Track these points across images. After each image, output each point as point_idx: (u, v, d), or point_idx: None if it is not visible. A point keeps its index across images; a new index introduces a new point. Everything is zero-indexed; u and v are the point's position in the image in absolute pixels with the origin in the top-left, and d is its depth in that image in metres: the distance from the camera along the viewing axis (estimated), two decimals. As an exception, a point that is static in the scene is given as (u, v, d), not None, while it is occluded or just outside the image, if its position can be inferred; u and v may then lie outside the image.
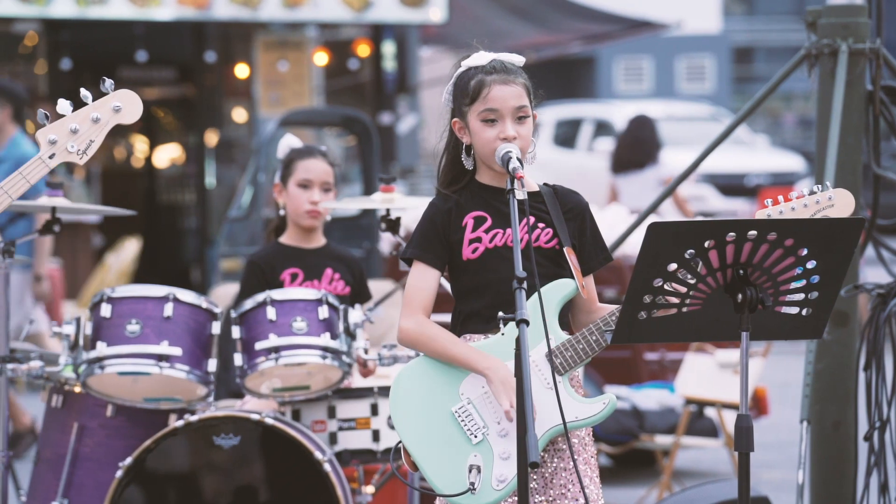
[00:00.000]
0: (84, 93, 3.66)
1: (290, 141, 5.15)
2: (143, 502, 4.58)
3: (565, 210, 3.71)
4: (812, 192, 3.70)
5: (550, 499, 3.61)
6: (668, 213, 11.22)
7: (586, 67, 28.48)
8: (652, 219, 5.14)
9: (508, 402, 3.50)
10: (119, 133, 17.56)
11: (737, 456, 3.47)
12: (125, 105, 3.68)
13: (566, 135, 20.04)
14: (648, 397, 7.49)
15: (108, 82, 3.66)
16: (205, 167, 15.67)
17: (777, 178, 18.61)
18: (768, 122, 30.11)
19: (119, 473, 4.55)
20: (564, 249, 3.65)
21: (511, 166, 3.55)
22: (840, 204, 3.68)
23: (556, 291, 3.61)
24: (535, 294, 3.51)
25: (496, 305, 3.58)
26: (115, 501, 4.54)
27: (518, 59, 3.72)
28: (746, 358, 3.46)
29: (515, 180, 3.52)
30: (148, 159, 17.71)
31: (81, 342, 4.66)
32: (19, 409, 8.31)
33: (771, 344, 7.09)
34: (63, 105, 3.64)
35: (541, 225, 3.67)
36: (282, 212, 5.09)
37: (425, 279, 3.65)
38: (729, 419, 7.04)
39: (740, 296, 3.41)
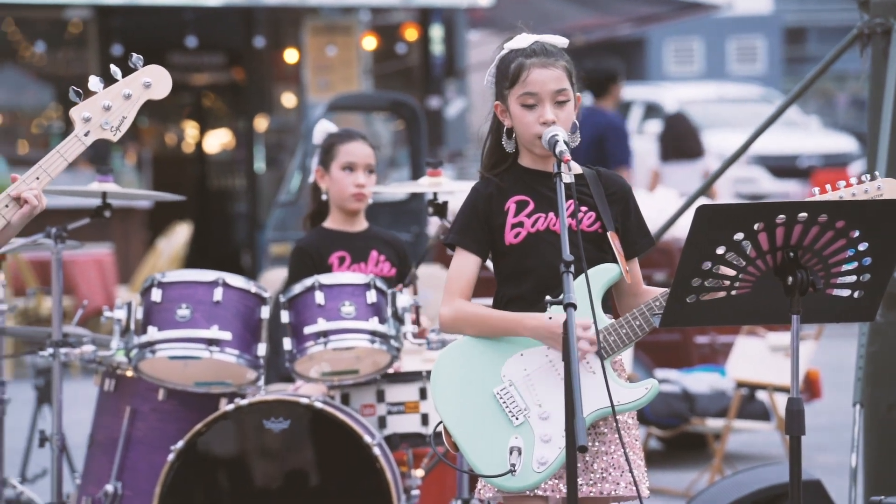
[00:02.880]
0: (114, 69, 3.66)
1: (325, 126, 5.15)
2: (195, 485, 4.61)
3: (608, 193, 3.68)
4: (860, 182, 3.66)
5: (591, 482, 3.60)
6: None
7: (636, 49, 28.32)
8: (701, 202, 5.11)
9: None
10: (170, 119, 17.68)
11: (788, 439, 3.44)
12: (155, 80, 3.68)
13: (616, 117, 19.93)
14: (699, 381, 7.46)
15: (137, 57, 3.66)
16: (254, 152, 15.74)
17: (829, 160, 18.44)
18: (821, 102, 29.82)
19: (171, 456, 4.59)
20: (608, 233, 3.63)
21: (558, 149, 3.53)
22: (889, 193, 3.64)
23: (600, 276, 3.60)
24: (581, 278, 3.49)
25: (538, 290, 3.56)
26: (167, 484, 4.57)
27: (561, 41, 3.68)
28: (797, 341, 3.43)
29: (562, 164, 3.51)
30: (198, 145, 17.82)
31: (133, 327, 4.70)
32: None
33: (823, 326, 7.03)
34: (94, 82, 3.64)
35: (583, 208, 3.65)
36: (324, 196, 5.08)
37: (466, 265, 3.64)
38: (781, 402, 6.99)
39: (790, 278, 3.38)
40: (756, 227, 3.33)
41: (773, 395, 7.01)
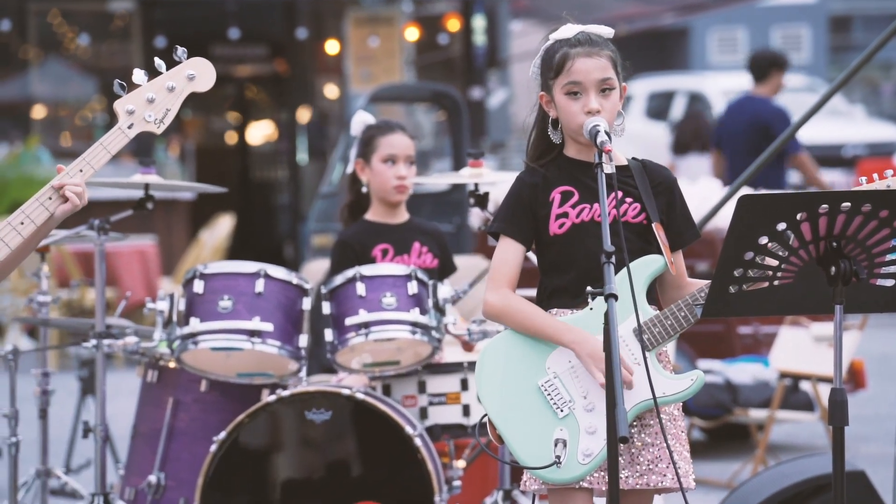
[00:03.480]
0: (158, 62, 3.67)
1: (363, 117, 5.14)
2: (237, 475, 4.63)
3: (654, 185, 3.67)
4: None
5: (638, 474, 3.59)
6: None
7: (679, 39, 28.18)
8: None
9: (600, 373, 3.48)
10: (212, 111, 17.76)
11: (832, 430, 3.42)
12: (199, 73, 3.68)
13: (659, 107, 19.85)
14: (742, 371, 7.42)
15: (181, 50, 3.66)
16: (297, 143, 15.79)
17: (874, 149, 18.29)
18: (866, 91, 29.58)
19: (213, 447, 4.61)
20: (653, 225, 3.62)
21: (599, 140, 3.52)
22: (937, 179, 3.60)
23: (645, 267, 3.58)
24: (624, 269, 3.48)
25: (582, 281, 3.55)
26: (209, 474, 4.59)
27: (606, 31, 3.68)
28: (840, 331, 3.40)
29: (603, 154, 3.49)
30: (241, 136, 17.90)
31: (175, 318, 4.72)
32: None
33: (867, 317, 6.98)
34: (138, 75, 3.65)
35: (628, 200, 3.64)
36: (364, 189, 5.08)
37: (511, 253, 3.64)
38: (825, 393, 6.94)
39: (834, 269, 3.35)
40: (799, 216, 3.30)
41: (816, 386, 6.96)
